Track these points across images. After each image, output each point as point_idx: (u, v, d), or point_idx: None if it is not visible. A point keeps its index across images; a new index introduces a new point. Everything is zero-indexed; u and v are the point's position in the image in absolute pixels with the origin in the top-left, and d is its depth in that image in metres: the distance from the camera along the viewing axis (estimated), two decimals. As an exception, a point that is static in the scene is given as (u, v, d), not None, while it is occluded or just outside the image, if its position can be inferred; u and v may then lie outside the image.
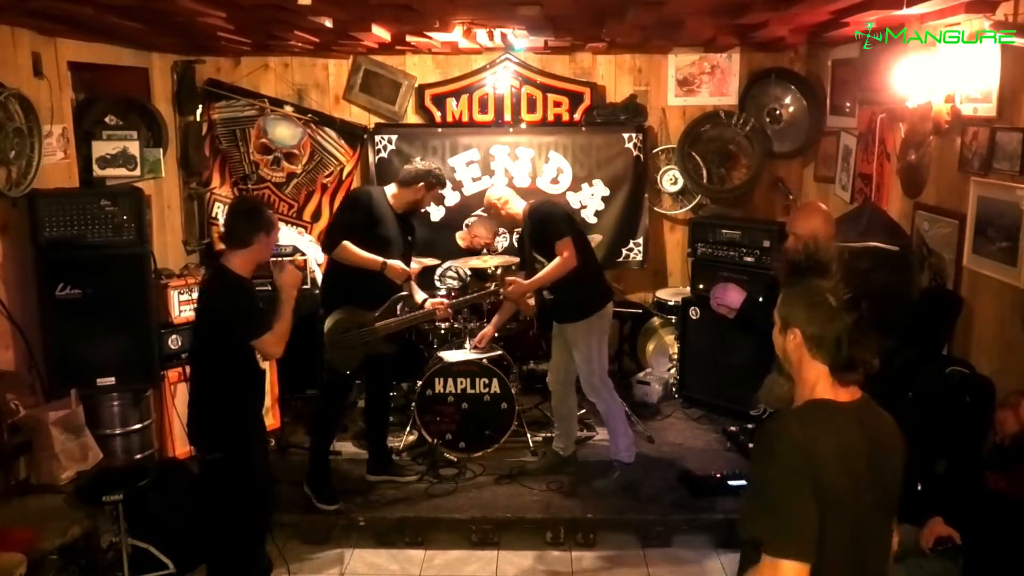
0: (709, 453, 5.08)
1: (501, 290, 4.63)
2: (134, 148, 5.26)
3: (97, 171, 5.12)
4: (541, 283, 4.47)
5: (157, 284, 4.70)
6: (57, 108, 4.64)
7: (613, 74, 6.26)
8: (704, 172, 6.13)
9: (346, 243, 4.33)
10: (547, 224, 4.51)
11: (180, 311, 4.87)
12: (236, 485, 3.54)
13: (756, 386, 3.42)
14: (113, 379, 4.35)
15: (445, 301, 4.72)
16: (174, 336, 4.83)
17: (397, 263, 4.39)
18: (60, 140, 4.67)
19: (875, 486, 1.77)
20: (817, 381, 1.82)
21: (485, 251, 5.79)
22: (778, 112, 6.07)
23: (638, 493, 4.59)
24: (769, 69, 6.06)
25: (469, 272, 5.66)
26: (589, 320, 4.55)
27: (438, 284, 5.58)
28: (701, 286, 5.64)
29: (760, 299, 3.69)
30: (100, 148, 5.15)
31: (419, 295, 4.69)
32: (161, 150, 5.64)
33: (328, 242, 4.44)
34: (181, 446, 4.85)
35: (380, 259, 4.35)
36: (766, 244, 5.33)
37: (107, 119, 5.31)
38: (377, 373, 4.71)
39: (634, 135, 6.10)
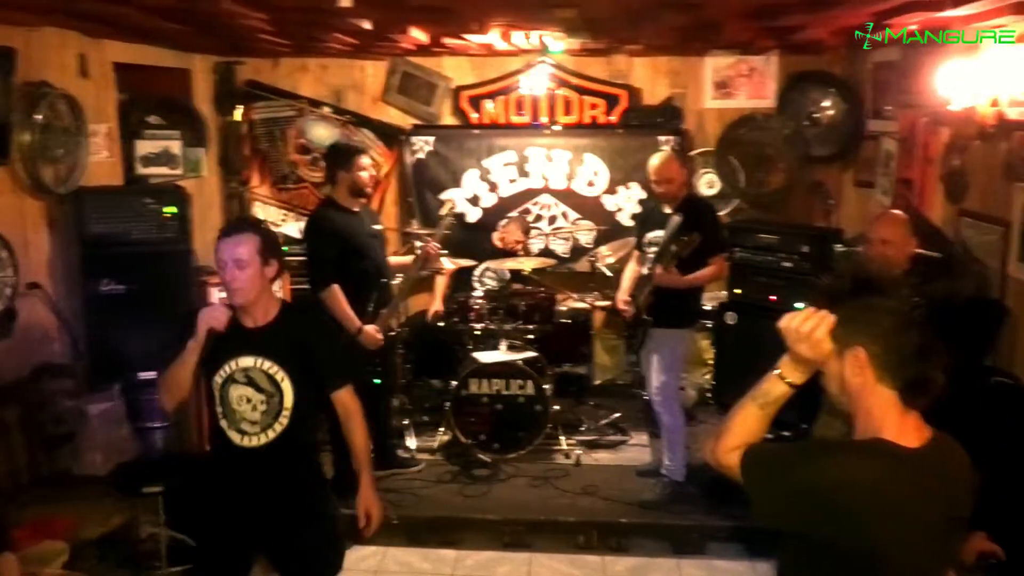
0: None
1: (653, 268, 4.41)
2: (176, 147, 5.37)
3: (140, 169, 5.22)
4: (692, 283, 4.44)
5: (198, 281, 4.77)
6: (103, 108, 4.74)
7: (650, 76, 6.23)
8: (741, 176, 6.08)
9: (335, 288, 4.28)
10: (717, 230, 4.56)
11: (219, 308, 4.94)
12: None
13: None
14: (154, 374, 4.39)
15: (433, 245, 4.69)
16: (213, 333, 4.89)
17: (371, 329, 4.34)
18: (105, 139, 4.76)
19: (939, 533, 1.67)
20: (884, 414, 1.64)
21: (521, 251, 5.78)
22: (817, 115, 6.00)
23: (672, 499, 4.56)
24: (808, 72, 6.00)
25: (508, 273, 5.66)
26: (683, 332, 4.60)
27: (476, 285, 5.60)
28: (738, 291, 5.59)
29: None
30: (143, 147, 5.26)
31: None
32: (202, 150, 5.73)
33: (315, 281, 4.39)
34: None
35: (357, 323, 4.31)
36: (805, 249, 5.26)
37: (150, 119, 5.40)
38: (384, 372, 4.73)
39: (671, 138, 6.06)
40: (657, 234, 4.53)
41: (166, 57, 5.52)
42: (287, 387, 2.75)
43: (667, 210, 4.49)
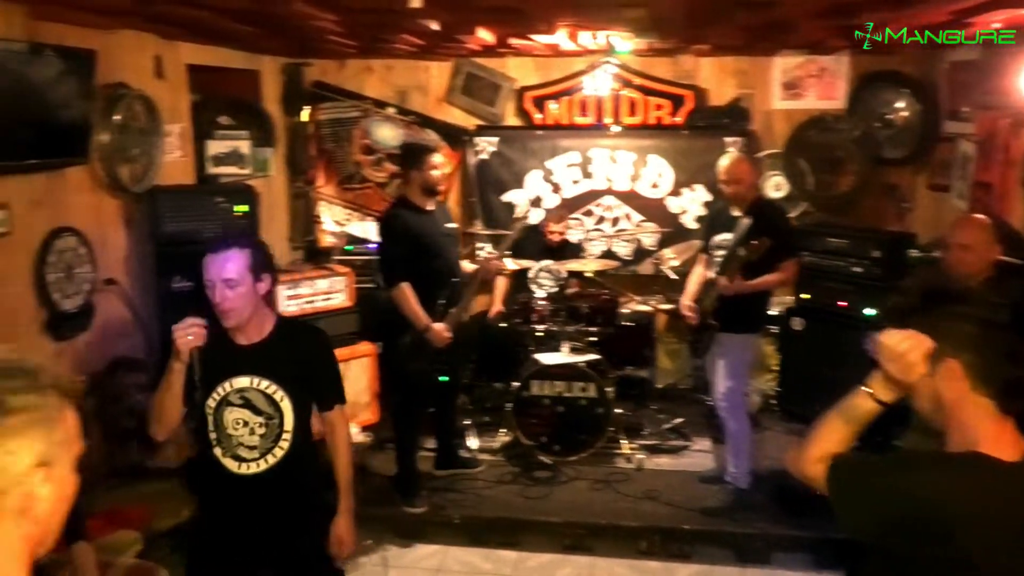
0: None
1: (718, 279, 4.33)
2: (245, 147, 5.46)
3: (210, 169, 5.32)
4: (758, 288, 4.33)
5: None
6: (176, 108, 4.85)
7: (716, 77, 6.14)
8: (810, 178, 5.95)
9: (405, 286, 4.30)
10: (788, 234, 4.46)
11: (286, 306, 5.01)
12: None
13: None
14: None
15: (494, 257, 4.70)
16: (279, 330, 4.97)
17: (439, 327, 4.33)
18: (179, 139, 4.87)
19: None
20: (981, 425, 1.60)
21: (559, 239, 5.71)
22: (889, 116, 5.85)
23: (736, 507, 4.49)
24: (880, 72, 5.85)
25: (565, 273, 5.64)
26: (750, 337, 4.53)
27: (532, 287, 5.57)
28: (805, 296, 5.48)
29: None
30: (213, 147, 5.36)
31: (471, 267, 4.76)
32: (270, 149, 5.82)
33: (386, 279, 4.44)
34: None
35: (425, 320, 4.31)
36: (876, 254, 5.14)
37: (220, 119, 5.51)
38: (451, 371, 4.73)
39: (737, 139, 5.97)
40: (725, 237, 4.45)
41: (236, 59, 5.63)
42: (287, 407, 2.57)
43: (735, 213, 4.42)
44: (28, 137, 3.59)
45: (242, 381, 2.55)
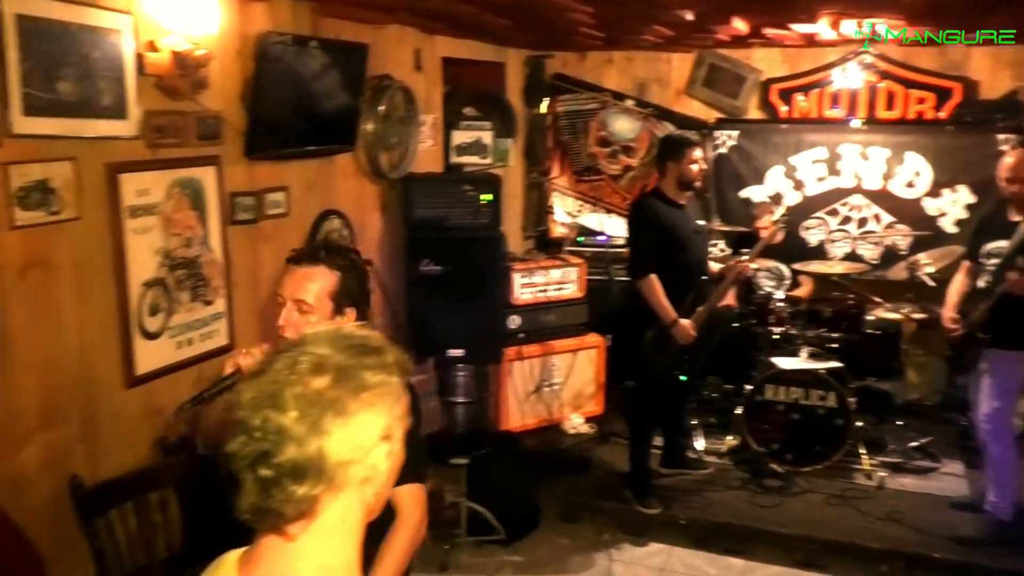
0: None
1: (1007, 275, 3.93)
2: (487, 138, 5.63)
3: (454, 158, 5.54)
4: None
5: (506, 267, 4.98)
6: (431, 99, 5.10)
7: (989, 67, 5.56)
8: (1098, 181, 5.27)
9: (653, 277, 4.21)
10: None
11: (521, 293, 5.15)
12: None
13: None
14: (462, 351, 4.67)
15: (744, 260, 4.45)
16: (514, 316, 5.12)
17: (686, 323, 4.21)
18: (431, 128, 5.12)
19: None
20: None
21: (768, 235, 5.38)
22: None
23: (996, 540, 4.08)
24: None
25: (788, 272, 5.37)
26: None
27: (758, 290, 5.33)
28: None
29: None
30: (458, 137, 5.57)
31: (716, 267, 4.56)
32: (510, 140, 5.98)
33: (634, 269, 4.38)
34: (516, 421, 5.13)
35: (673, 315, 4.20)
36: None
37: (466, 110, 5.72)
38: (691, 371, 4.58)
39: (1011, 136, 5.39)
40: (999, 244, 4.04)
41: (485, 51, 5.82)
42: None
43: (1015, 218, 4.00)
44: (308, 126, 3.89)
45: None
